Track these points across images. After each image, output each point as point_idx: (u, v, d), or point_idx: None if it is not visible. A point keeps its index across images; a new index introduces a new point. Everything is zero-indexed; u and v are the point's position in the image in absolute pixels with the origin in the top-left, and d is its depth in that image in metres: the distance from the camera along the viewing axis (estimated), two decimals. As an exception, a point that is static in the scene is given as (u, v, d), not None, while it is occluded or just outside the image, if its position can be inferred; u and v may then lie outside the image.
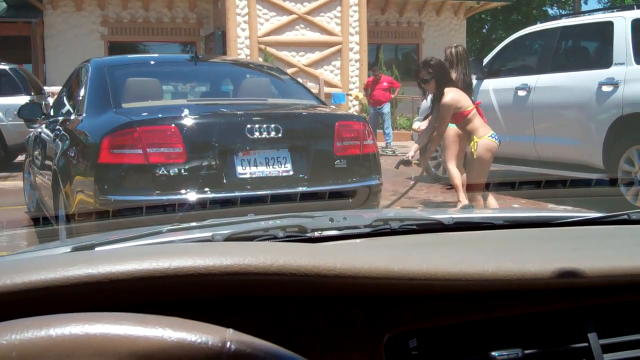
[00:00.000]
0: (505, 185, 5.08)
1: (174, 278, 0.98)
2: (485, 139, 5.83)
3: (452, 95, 5.91)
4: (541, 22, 9.82)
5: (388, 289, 1.14)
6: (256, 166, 4.77)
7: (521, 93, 8.62)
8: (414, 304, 1.18)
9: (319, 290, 1.10)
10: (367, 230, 1.59)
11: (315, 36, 19.27)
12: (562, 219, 1.78)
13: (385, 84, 15.69)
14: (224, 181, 4.67)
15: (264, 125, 4.80)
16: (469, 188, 6.17)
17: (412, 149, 6.22)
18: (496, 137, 5.91)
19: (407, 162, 6.18)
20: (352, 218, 1.63)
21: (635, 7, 8.07)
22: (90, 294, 0.95)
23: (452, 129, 6.50)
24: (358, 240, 1.56)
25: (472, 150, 5.89)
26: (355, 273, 1.08)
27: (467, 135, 5.88)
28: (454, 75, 6.92)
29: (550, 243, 1.61)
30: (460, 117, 5.86)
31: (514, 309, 1.23)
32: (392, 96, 16.15)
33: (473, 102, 5.90)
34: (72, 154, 5.03)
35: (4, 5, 20.81)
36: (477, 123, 5.89)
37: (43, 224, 4.52)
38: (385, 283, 1.11)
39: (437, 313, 1.19)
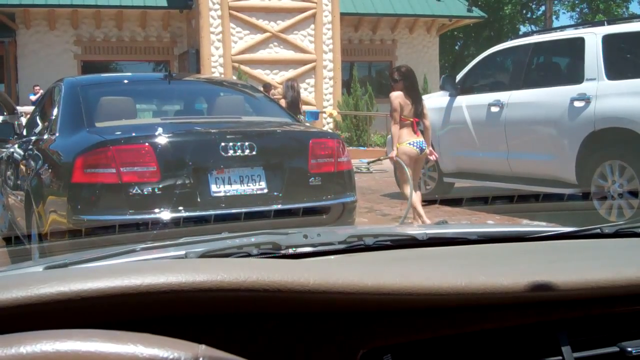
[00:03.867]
0: (479, 200, 5.13)
1: (147, 295, 0.98)
2: (404, 145, 6.86)
3: (399, 94, 6.94)
4: (513, 39, 9.92)
5: (362, 305, 1.14)
6: (230, 184, 4.76)
7: (494, 109, 8.69)
8: (388, 319, 1.18)
9: (293, 306, 1.09)
10: (341, 246, 1.59)
11: (289, 54, 19.35)
12: (536, 233, 1.79)
13: None
14: (198, 200, 4.65)
15: (238, 143, 4.79)
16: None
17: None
18: (416, 145, 6.88)
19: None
20: (326, 234, 1.63)
21: (606, 23, 8.18)
22: (62, 311, 0.94)
23: None
24: (332, 257, 1.56)
25: (395, 154, 6.90)
26: (329, 288, 1.08)
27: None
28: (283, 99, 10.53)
29: (523, 257, 1.62)
30: (400, 120, 6.91)
31: (488, 323, 1.24)
32: None
33: (416, 117, 6.94)
34: (45, 174, 4.99)
35: (-24, 25, 20.70)
36: (405, 132, 6.90)
37: (15, 244, 4.47)
38: (359, 298, 1.11)
39: (412, 328, 1.19)
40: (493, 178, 8.82)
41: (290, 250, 1.53)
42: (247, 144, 4.81)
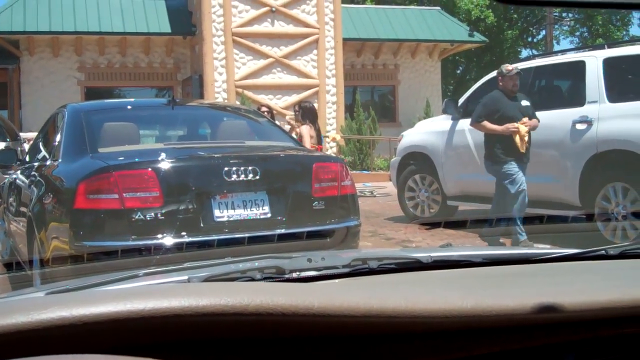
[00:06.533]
0: (482, 223, 5.12)
1: (150, 319, 0.97)
2: None
3: (308, 128, 8.75)
4: (514, 63, 9.94)
5: (367, 328, 1.12)
6: (234, 209, 4.75)
7: (496, 132, 8.67)
8: (394, 342, 1.16)
9: (297, 330, 1.08)
10: (346, 270, 1.58)
11: (293, 79, 19.42)
12: (541, 255, 1.78)
13: None
14: (202, 225, 4.63)
15: (242, 168, 4.78)
16: None
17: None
18: None
19: None
20: (331, 258, 1.62)
21: (606, 47, 8.20)
22: (64, 337, 0.93)
23: None
24: (337, 280, 1.55)
25: None
26: (334, 312, 1.06)
27: None
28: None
29: (529, 279, 1.61)
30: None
31: (495, 346, 1.22)
32: None
33: (319, 144, 8.91)
34: (48, 200, 4.98)
35: (-20, 52, 20.79)
36: None
37: (17, 270, 4.46)
38: (365, 321, 1.09)
39: (418, 351, 1.18)
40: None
41: (295, 274, 1.52)
42: (250, 168, 4.81)
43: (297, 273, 1.52)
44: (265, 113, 8.99)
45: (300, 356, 1.10)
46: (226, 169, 4.75)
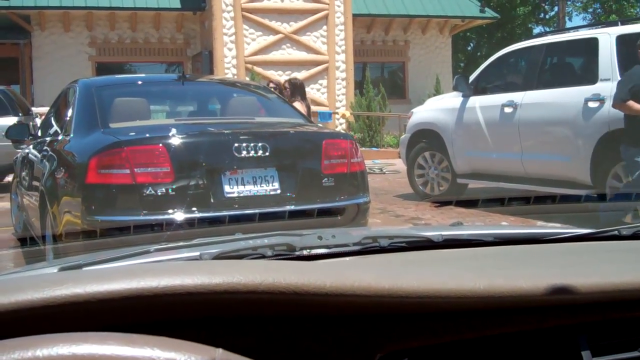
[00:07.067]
0: (494, 202, 5.09)
1: (162, 297, 0.97)
2: None
3: (298, 104, 8.52)
4: (526, 39, 9.88)
5: (378, 307, 1.12)
6: (244, 185, 4.76)
7: (507, 110, 8.65)
8: (405, 322, 1.16)
9: (309, 309, 1.08)
10: (357, 248, 1.57)
11: (302, 55, 19.35)
12: (553, 235, 1.78)
13: None
14: (212, 200, 4.65)
15: (252, 144, 4.79)
16: None
17: None
18: None
19: None
20: (341, 236, 1.62)
21: (619, 23, 8.13)
22: (77, 313, 0.94)
23: None
24: (347, 259, 1.55)
25: None
26: (345, 291, 1.06)
27: None
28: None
29: (541, 259, 1.60)
30: None
31: (507, 327, 1.22)
32: None
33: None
34: (60, 175, 5.01)
35: (-9, 27, 20.78)
36: None
37: (30, 245, 4.49)
38: (376, 301, 1.09)
39: (429, 331, 1.18)
40: (507, 179, 8.78)
41: (305, 252, 1.52)
42: (260, 144, 4.81)
43: (308, 250, 1.52)
44: (273, 89, 9.02)
45: (309, 335, 1.10)
46: (236, 145, 4.76)
